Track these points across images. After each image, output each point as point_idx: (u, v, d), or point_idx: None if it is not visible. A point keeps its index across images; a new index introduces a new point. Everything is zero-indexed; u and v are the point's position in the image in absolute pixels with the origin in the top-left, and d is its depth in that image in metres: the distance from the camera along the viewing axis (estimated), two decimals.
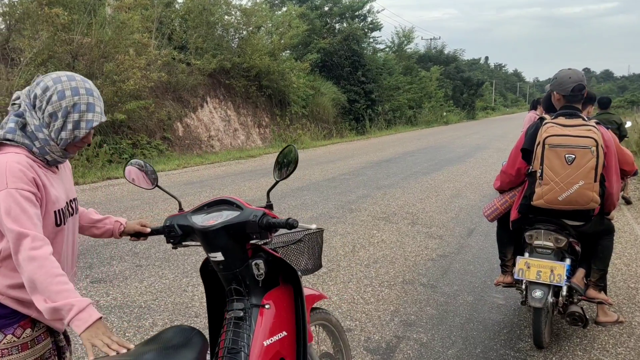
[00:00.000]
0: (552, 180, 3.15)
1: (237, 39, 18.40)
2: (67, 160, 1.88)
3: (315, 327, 2.44)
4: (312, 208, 7.54)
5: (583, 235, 3.37)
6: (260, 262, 1.94)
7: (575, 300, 3.42)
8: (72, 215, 1.82)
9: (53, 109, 1.65)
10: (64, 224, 1.74)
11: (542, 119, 3.38)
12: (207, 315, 3.58)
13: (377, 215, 7.17)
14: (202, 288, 4.31)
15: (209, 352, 1.88)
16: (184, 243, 2.03)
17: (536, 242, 3.37)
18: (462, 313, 3.95)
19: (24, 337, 1.68)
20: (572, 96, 3.26)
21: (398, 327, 3.69)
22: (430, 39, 50.28)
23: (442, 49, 47.40)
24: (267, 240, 1.94)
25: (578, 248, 3.43)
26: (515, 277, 3.34)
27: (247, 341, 1.86)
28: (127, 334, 3.48)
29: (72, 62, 11.78)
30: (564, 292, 3.24)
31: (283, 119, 19.88)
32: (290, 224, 1.85)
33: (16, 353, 1.66)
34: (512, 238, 3.69)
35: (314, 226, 2.06)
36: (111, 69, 11.85)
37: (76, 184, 9.47)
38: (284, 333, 1.97)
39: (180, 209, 2.07)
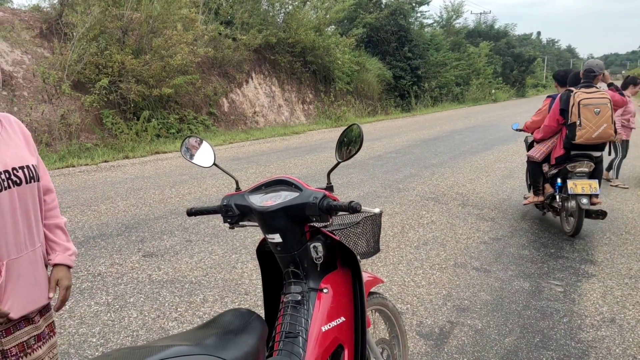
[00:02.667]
0: (588, 126, 4.90)
1: (282, 14, 18.26)
2: (16, 127, 1.77)
3: (372, 312, 2.37)
4: (359, 187, 7.44)
5: (597, 161, 5.18)
6: (318, 245, 1.86)
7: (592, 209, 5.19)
8: (16, 185, 1.66)
9: None
10: None
11: (570, 90, 5.06)
12: (258, 293, 3.57)
13: (425, 196, 7.01)
14: (251, 265, 4.30)
15: None
16: (241, 223, 1.96)
17: (578, 170, 5.10)
18: (518, 300, 3.80)
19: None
20: (584, 75, 5.15)
21: (451, 312, 3.58)
22: (480, 14, 48.80)
23: (492, 24, 45.83)
24: (327, 223, 1.86)
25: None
26: (569, 192, 5.03)
27: (305, 326, 1.80)
28: (179, 309, 3.51)
29: (122, 37, 11.94)
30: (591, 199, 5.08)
31: (327, 96, 19.72)
32: (353, 208, 1.75)
33: None
34: (542, 171, 5.63)
35: (377, 210, 1.96)
36: (159, 44, 11.96)
37: (126, 157, 9.66)
38: (343, 318, 1.90)
39: (237, 188, 2.00)
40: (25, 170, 1.70)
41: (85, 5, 11.32)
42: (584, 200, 4.99)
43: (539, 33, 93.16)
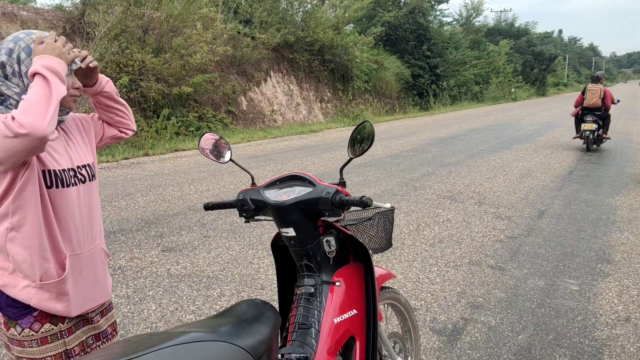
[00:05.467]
0: (587, 98, 11.34)
1: (301, 13, 18.32)
2: (82, 124, 1.82)
3: (384, 306, 2.41)
4: (375, 185, 7.47)
5: (601, 117, 11.39)
6: (331, 239, 1.90)
7: (599, 139, 11.55)
8: (82, 182, 1.70)
9: (26, 66, 1.55)
10: (61, 187, 1.61)
11: (587, 84, 11.78)
12: (274, 288, 3.63)
13: (442, 194, 7.01)
14: (267, 260, 4.37)
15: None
16: (256, 217, 2.01)
17: (586, 119, 11.38)
18: (532, 298, 3.81)
19: (42, 332, 1.61)
20: (593, 79, 11.65)
21: (465, 309, 3.60)
22: (500, 11, 48.38)
23: (512, 22, 45.44)
24: (339, 218, 1.90)
25: (600, 122, 11.40)
26: (582, 128, 11.34)
27: (318, 317, 1.85)
28: (196, 303, 3.59)
29: (143, 36, 12.11)
30: (595, 134, 11.31)
31: (345, 94, 19.73)
32: (364, 202, 1.79)
33: (36, 346, 1.60)
34: (579, 121, 11.61)
35: (388, 205, 2.00)
36: (179, 43, 12.10)
37: (146, 155, 9.81)
38: (354, 311, 1.94)
39: (253, 184, 2.06)
40: (88, 168, 1.76)
41: (108, 4, 11.50)
42: (587, 133, 11.24)
43: (560, 31, 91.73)
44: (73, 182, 1.67)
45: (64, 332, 1.66)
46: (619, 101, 12.06)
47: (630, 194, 7.24)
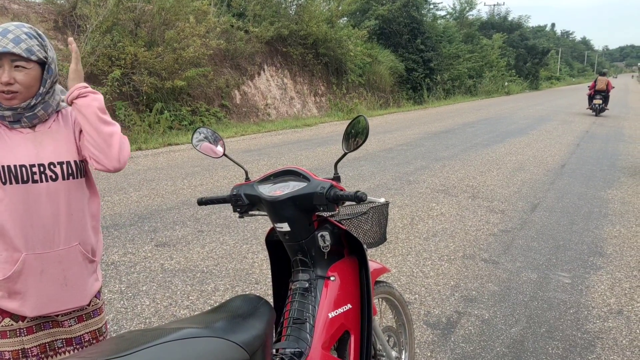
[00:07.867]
0: (598, 85, 19.35)
1: (294, 6, 18.24)
2: (59, 121, 1.70)
3: (378, 300, 2.41)
4: (369, 179, 7.47)
5: (604, 97, 19.36)
6: (325, 234, 1.90)
7: (603, 109, 19.61)
8: (52, 180, 1.62)
9: None
10: (15, 183, 1.57)
11: (597, 76, 20.05)
12: (268, 283, 3.63)
13: (436, 188, 7.03)
14: (261, 255, 4.37)
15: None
16: (250, 212, 2.00)
17: (596, 96, 19.42)
18: (525, 291, 3.83)
19: (2, 326, 1.62)
20: (601, 74, 20.24)
21: (458, 303, 3.62)
22: (494, 5, 48.29)
23: (505, 16, 45.42)
24: (334, 213, 1.90)
25: (603, 99, 19.44)
26: (593, 103, 19.42)
27: (313, 312, 1.85)
28: (190, 297, 3.58)
29: (135, 30, 12.03)
30: (600, 106, 19.35)
31: (339, 88, 19.70)
32: (359, 197, 1.79)
33: None
34: (591, 98, 19.64)
35: (382, 200, 2.00)
36: (172, 36, 12.02)
37: (138, 149, 9.76)
38: (349, 306, 1.94)
39: (247, 179, 2.05)
40: (64, 166, 1.65)
41: None
42: (596, 106, 19.26)
43: (553, 25, 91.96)
44: (38, 179, 1.60)
45: (22, 330, 1.64)
46: (613, 87, 20.22)
47: (622, 187, 7.28)
